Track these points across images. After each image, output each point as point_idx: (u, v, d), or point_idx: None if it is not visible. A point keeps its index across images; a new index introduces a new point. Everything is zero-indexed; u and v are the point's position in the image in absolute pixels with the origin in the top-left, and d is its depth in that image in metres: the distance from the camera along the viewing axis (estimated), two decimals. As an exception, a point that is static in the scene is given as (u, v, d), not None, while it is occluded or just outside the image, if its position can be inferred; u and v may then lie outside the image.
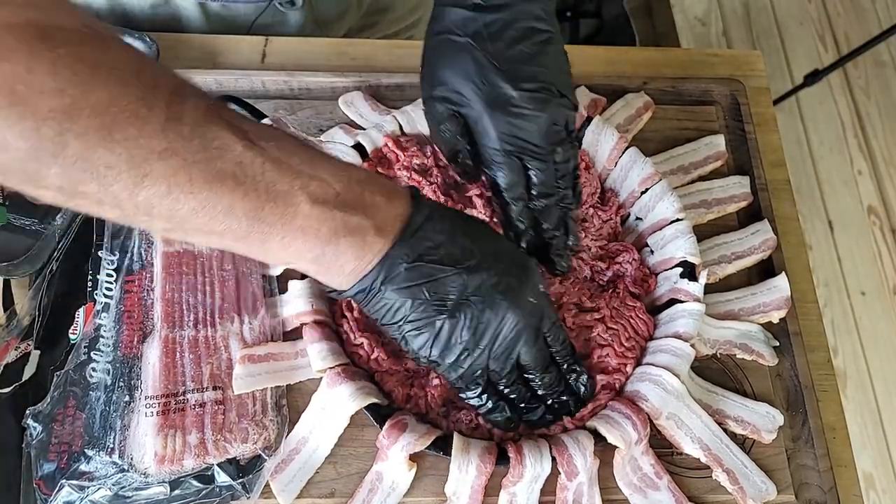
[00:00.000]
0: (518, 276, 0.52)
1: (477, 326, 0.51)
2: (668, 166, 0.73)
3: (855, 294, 1.77)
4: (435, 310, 0.50)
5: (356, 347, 0.60)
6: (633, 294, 0.65)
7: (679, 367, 0.59)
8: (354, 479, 0.58)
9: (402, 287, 0.49)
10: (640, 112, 0.75)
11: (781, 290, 0.67)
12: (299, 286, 0.61)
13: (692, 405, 0.60)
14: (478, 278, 0.51)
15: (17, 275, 0.62)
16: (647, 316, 0.64)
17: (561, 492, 0.58)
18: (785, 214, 0.74)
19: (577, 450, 0.56)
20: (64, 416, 0.56)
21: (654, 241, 0.66)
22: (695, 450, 0.59)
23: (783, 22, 2.08)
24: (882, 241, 1.83)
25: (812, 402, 0.64)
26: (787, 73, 2.01)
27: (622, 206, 0.69)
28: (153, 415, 0.55)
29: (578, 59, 0.81)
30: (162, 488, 0.55)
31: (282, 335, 0.63)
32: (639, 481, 0.59)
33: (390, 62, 0.78)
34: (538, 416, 0.58)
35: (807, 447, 0.62)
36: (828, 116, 1.96)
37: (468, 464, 0.55)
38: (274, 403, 0.59)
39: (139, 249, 0.63)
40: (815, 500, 0.61)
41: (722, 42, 2.04)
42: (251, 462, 0.57)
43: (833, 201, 1.87)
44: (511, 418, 0.57)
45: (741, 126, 0.77)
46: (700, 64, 0.83)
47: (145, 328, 0.60)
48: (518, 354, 0.53)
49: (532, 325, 0.53)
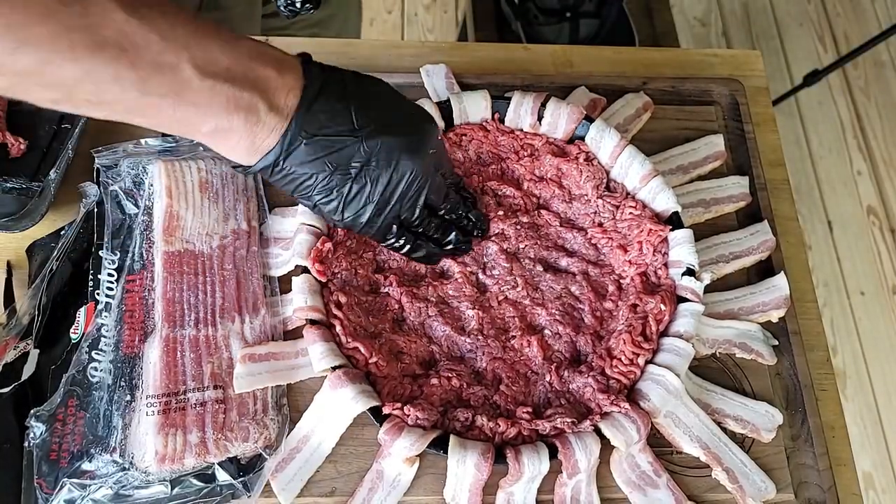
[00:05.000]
0: (417, 130, 0.55)
1: (385, 188, 0.54)
2: (668, 166, 0.73)
3: (854, 294, 1.77)
4: (340, 178, 0.52)
5: (351, 351, 0.60)
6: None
7: (680, 367, 0.60)
8: (354, 477, 0.58)
9: (304, 161, 0.51)
10: (639, 112, 0.76)
11: (781, 290, 0.67)
12: (297, 282, 0.62)
13: (689, 403, 0.61)
14: (377, 142, 0.52)
15: (18, 229, 0.64)
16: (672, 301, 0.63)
17: (559, 488, 0.58)
18: (784, 214, 0.74)
19: (583, 451, 0.56)
20: (65, 415, 0.56)
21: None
22: (694, 448, 0.60)
23: (783, 22, 2.08)
24: (881, 241, 1.83)
25: (811, 401, 0.64)
26: (787, 74, 2.01)
27: (629, 195, 0.69)
28: (154, 414, 0.55)
29: (578, 59, 0.81)
30: (163, 487, 0.55)
31: (282, 335, 0.63)
32: (637, 479, 0.59)
33: (390, 62, 0.78)
34: (455, 240, 0.63)
35: (806, 446, 0.63)
36: (827, 117, 1.97)
37: (465, 465, 0.55)
38: (275, 402, 0.60)
39: (140, 249, 0.63)
40: (814, 499, 0.61)
41: (721, 42, 2.04)
42: (252, 461, 0.57)
43: (832, 201, 1.87)
44: (432, 251, 0.63)
45: (740, 126, 0.77)
46: (699, 64, 0.83)
47: (146, 328, 0.60)
48: (424, 198, 0.57)
49: (433, 171, 0.57)
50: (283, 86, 0.50)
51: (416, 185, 0.56)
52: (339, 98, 0.52)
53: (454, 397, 0.60)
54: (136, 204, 0.65)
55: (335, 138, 0.51)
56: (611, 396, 0.58)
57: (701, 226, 0.71)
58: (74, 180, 0.66)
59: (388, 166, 0.53)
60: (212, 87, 0.46)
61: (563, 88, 0.77)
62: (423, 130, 0.56)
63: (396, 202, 0.56)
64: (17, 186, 0.66)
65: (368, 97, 0.54)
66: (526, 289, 0.65)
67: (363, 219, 0.55)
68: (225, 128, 0.48)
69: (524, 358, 0.62)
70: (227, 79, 0.47)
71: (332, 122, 0.51)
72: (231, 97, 0.47)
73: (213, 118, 0.48)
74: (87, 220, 0.65)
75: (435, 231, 0.62)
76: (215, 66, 0.46)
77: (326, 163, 0.52)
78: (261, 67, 0.49)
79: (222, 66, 0.47)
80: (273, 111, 0.49)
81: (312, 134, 0.51)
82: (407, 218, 0.58)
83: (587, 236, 0.68)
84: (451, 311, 0.64)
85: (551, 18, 1.58)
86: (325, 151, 0.51)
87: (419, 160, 0.55)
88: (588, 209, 0.69)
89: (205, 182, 0.66)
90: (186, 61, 0.45)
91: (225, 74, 0.47)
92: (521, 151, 0.71)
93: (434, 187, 0.58)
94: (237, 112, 0.48)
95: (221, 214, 0.65)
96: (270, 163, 0.51)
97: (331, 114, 0.51)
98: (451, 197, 0.61)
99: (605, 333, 0.64)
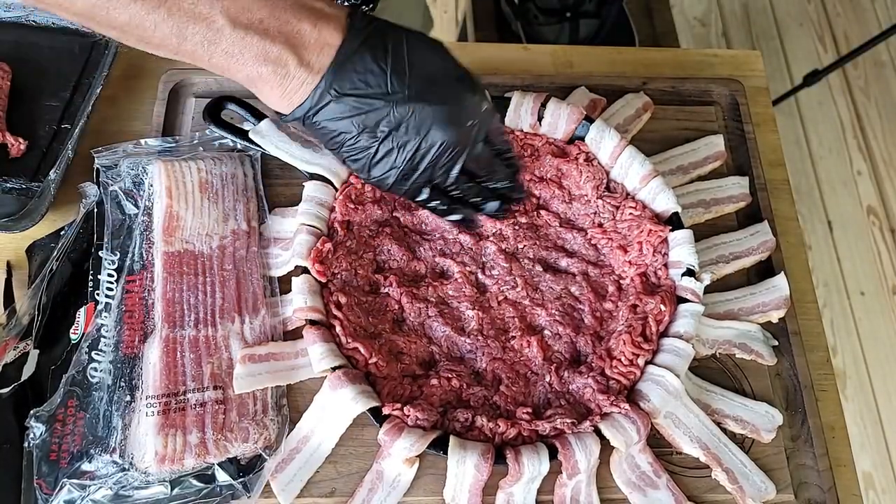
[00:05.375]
0: (457, 101, 0.53)
1: (414, 154, 0.53)
2: (668, 166, 0.73)
3: (854, 294, 1.77)
4: (368, 139, 0.52)
5: (351, 351, 0.60)
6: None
7: (680, 368, 0.60)
8: (354, 478, 0.58)
9: (332, 119, 0.51)
10: (639, 112, 0.75)
11: (781, 290, 0.67)
12: (297, 283, 0.61)
13: (689, 404, 0.61)
14: (408, 109, 0.51)
15: (18, 229, 0.64)
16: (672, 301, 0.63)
17: (559, 489, 0.58)
18: (784, 214, 0.74)
19: (583, 451, 0.56)
20: (65, 415, 0.56)
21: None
22: (694, 449, 0.60)
23: (783, 22, 2.08)
24: (881, 241, 1.83)
25: (811, 402, 0.64)
26: (787, 74, 2.01)
27: (629, 195, 0.69)
28: (154, 414, 0.55)
29: (578, 59, 0.81)
30: (162, 487, 0.55)
31: (282, 335, 0.63)
32: (637, 479, 0.59)
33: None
34: (495, 207, 0.61)
35: (806, 447, 0.63)
36: (827, 117, 1.97)
37: (465, 465, 0.55)
38: (274, 403, 0.60)
39: (140, 249, 0.63)
40: (814, 499, 0.61)
41: (721, 42, 2.04)
42: (252, 461, 0.57)
43: (832, 201, 1.87)
44: (469, 215, 0.61)
45: (740, 126, 0.77)
46: (699, 64, 0.83)
47: (146, 328, 0.60)
48: (461, 166, 0.55)
49: (470, 140, 0.54)
50: (317, 40, 0.49)
51: (448, 154, 0.54)
52: (375, 58, 0.50)
53: (454, 398, 0.60)
54: (136, 204, 0.65)
55: (364, 100, 0.50)
56: (611, 397, 0.58)
57: (701, 226, 0.71)
58: (74, 180, 0.66)
59: (418, 134, 0.52)
60: (242, 38, 0.48)
61: (563, 89, 0.77)
62: (462, 101, 0.53)
63: (427, 169, 0.54)
64: (17, 187, 0.67)
65: (411, 59, 0.51)
66: (526, 289, 0.65)
67: (389, 181, 0.55)
68: (255, 77, 0.50)
69: (524, 358, 0.62)
70: (258, 30, 0.48)
71: (364, 83, 0.50)
72: (261, 49, 0.48)
73: (244, 67, 0.49)
74: (87, 220, 0.65)
75: (474, 196, 0.60)
76: (248, 16, 0.48)
77: (354, 123, 0.51)
78: (296, 20, 0.49)
79: (255, 18, 0.48)
80: (303, 66, 0.49)
81: (342, 93, 0.50)
82: (440, 182, 0.57)
83: (587, 237, 0.68)
84: (451, 312, 0.64)
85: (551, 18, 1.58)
86: (354, 112, 0.51)
87: (453, 131, 0.53)
88: (588, 209, 0.69)
89: (205, 182, 0.66)
90: (220, 11, 0.47)
91: (257, 26, 0.48)
92: (521, 151, 0.71)
93: (473, 156, 0.55)
94: (266, 64, 0.49)
95: (221, 215, 0.65)
96: (300, 116, 0.52)
97: (364, 74, 0.50)
98: (494, 166, 0.59)
99: (604, 334, 0.64)
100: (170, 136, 0.70)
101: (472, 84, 0.54)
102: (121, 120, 0.74)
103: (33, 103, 0.71)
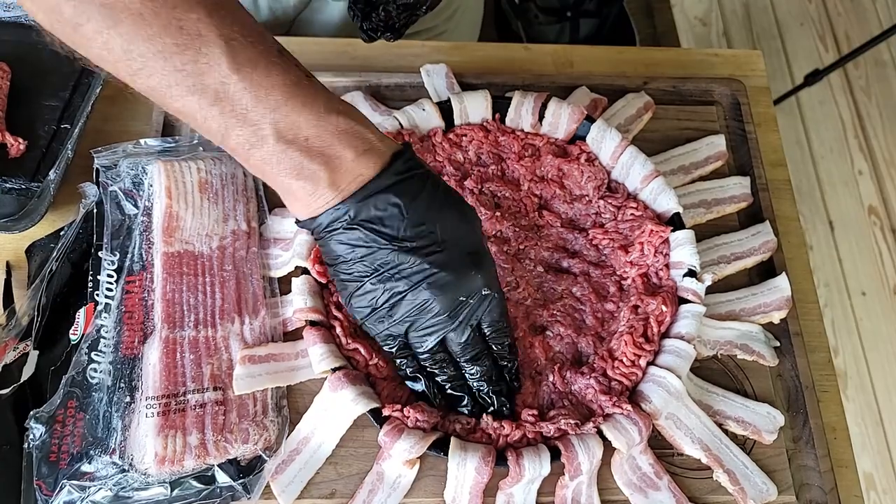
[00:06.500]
0: (457, 273, 0.53)
1: (396, 302, 0.53)
2: (669, 166, 0.73)
3: (855, 294, 1.76)
4: (362, 270, 0.52)
5: (351, 352, 0.60)
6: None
7: (681, 369, 0.60)
8: (355, 479, 0.58)
9: (338, 241, 0.52)
10: (640, 112, 0.75)
11: (782, 291, 0.67)
12: (297, 283, 0.61)
13: (690, 405, 0.60)
14: (410, 261, 0.52)
15: (17, 229, 0.64)
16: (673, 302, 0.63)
17: (560, 490, 0.58)
18: (785, 214, 0.74)
19: (586, 453, 0.56)
20: (65, 416, 0.56)
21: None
22: (695, 450, 0.59)
23: (783, 22, 2.08)
24: (882, 241, 1.83)
25: (813, 403, 0.64)
26: (788, 73, 2.01)
27: (630, 195, 0.69)
28: (154, 415, 0.55)
29: (579, 59, 0.81)
30: (162, 489, 0.55)
31: (282, 336, 0.63)
32: (638, 481, 0.59)
33: (390, 62, 0.78)
34: (462, 404, 0.58)
35: (807, 448, 0.62)
36: (828, 116, 1.96)
37: (465, 467, 0.55)
38: (274, 404, 0.59)
39: (139, 250, 0.63)
40: (815, 500, 0.61)
41: (722, 42, 2.04)
42: (252, 463, 0.57)
43: (833, 201, 1.86)
44: (433, 393, 0.58)
45: (741, 126, 0.77)
46: (700, 64, 0.83)
47: (146, 329, 0.60)
48: (445, 339, 0.55)
49: (458, 318, 0.54)
50: (352, 169, 0.50)
51: (428, 319, 0.53)
52: (399, 202, 0.51)
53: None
54: (136, 204, 0.65)
55: (373, 237, 0.51)
56: (612, 398, 0.58)
57: (702, 226, 0.71)
58: (74, 181, 0.66)
59: (407, 286, 0.52)
60: (283, 150, 0.49)
61: (564, 88, 0.77)
62: (462, 276, 0.53)
63: (403, 323, 0.54)
64: (17, 187, 0.66)
65: (432, 217, 0.52)
66: (527, 290, 0.65)
67: (364, 315, 0.54)
68: (287, 188, 0.51)
69: (528, 359, 0.62)
70: (301, 147, 0.49)
71: (380, 222, 0.51)
72: (298, 163, 0.49)
73: (278, 177, 0.50)
74: (87, 220, 0.64)
75: (444, 377, 0.57)
76: (295, 132, 0.49)
77: (356, 251, 0.52)
78: (340, 146, 0.50)
79: (301, 136, 0.49)
80: (332, 187, 0.50)
81: (355, 223, 0.51)
82: (414, 346, 0.56)
83: (588, 237, 0.68)
84: (452, 312, 0.64)
85: (552, 18, 1.58)
86: (359, 242, 0.51)
87: (442, 299, 0.52)
88: (589, 210, 0.69)
89: (204, 182, 0.66)
90: (269, 123, 0.48)
91: (302, 143, 0.49)
92: (522, 152, 0.70)
93: (457, 336, 0.55)
94: (299, 179, 0.50)
95: (221, 215, 0.65)
96: (312, 228, 0.53)
97: (383, 212, 0.51)
98: (480, 363, 0.57)
99: (606, 335, 0.63)
100: (169, 136, 0.70)
101: (481, 265, 0.54)
102: (121, 120, 0.73)
103: (33, 103, 0.71)
